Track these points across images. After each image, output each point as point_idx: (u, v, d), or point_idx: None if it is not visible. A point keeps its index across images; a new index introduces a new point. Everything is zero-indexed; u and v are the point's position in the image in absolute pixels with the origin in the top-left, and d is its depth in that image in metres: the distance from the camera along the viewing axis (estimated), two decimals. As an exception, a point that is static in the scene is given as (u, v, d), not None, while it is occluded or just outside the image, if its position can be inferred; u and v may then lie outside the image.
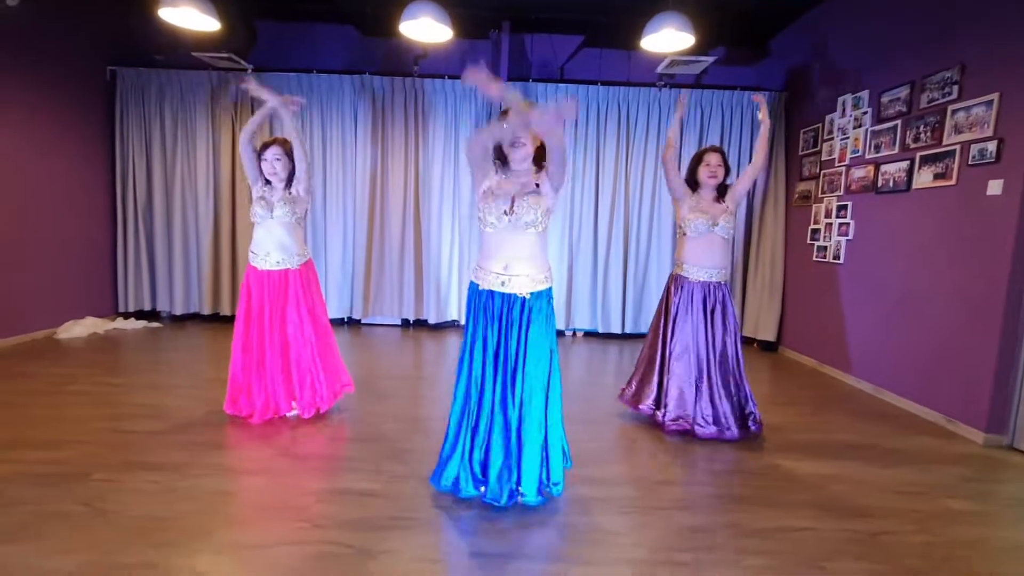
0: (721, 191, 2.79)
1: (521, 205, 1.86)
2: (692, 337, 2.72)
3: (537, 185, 1.92)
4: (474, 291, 1.98)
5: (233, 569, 1.59)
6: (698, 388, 2.71)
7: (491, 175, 1.97)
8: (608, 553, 1.73)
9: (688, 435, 2.72)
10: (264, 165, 2.65)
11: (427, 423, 2.83)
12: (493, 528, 1.85)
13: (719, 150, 2.76)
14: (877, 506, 2.10)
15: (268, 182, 2.72)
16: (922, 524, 1.98)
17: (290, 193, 2.70)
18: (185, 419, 2.74)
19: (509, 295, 1.91)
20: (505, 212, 1.87)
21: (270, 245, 2.69)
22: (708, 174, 2.73)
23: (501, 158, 1.97)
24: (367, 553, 1.68)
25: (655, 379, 2.85)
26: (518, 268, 1.90)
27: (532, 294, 1.91)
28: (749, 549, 1.77)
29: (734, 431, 2.69)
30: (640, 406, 2.88)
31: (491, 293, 1.93)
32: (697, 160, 2.79)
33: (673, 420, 2.73)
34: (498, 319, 1.91)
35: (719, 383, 2.73)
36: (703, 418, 2.69)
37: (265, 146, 2.65)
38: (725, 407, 2.71)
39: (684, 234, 2.79)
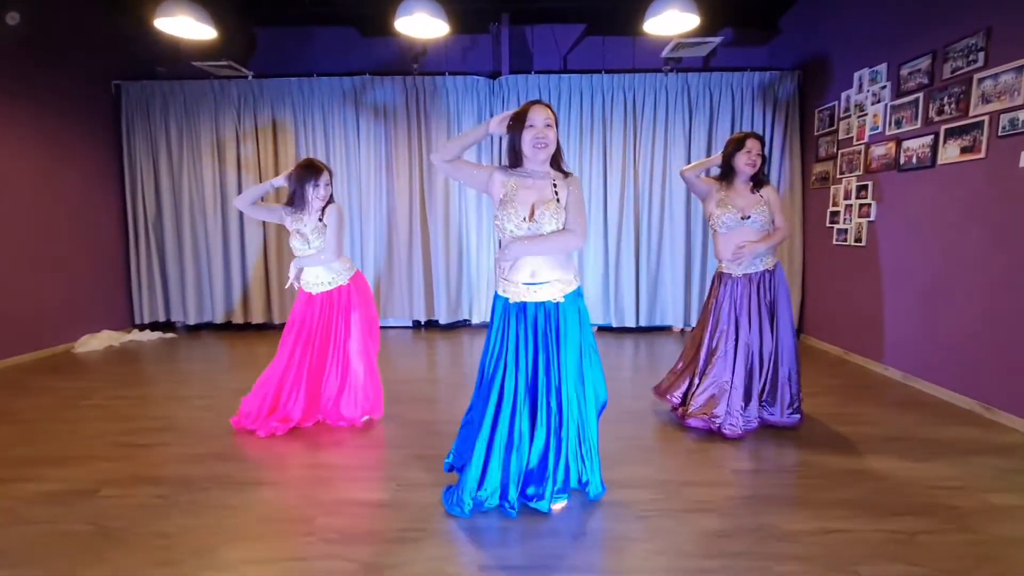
0: (756, 182, 2.62)
1: (543, 214, 1.80)
2: (735, 335, 2.60)
3: (556, 191, 1.84)
4: (503, 304, 1.91)
5: (237, 588, 1.55)
6: (734, 388, 2.58)
7: (497, 178, 1.88)
8: (628, 562, 1.64)
9: (713, 434, 2.61)
10: (318, 191, 2.60)
11: (439, 427, 2.76)
12: (506, 539, 1.77)
13: (759, 137, 2.58)
14: (914, 503, 1.97)
15: (293, 211, 2.66)
16: (962, 522, 1.85)
17: (322, 222, 2.65)
18: (196, 431, 2.71)
19: (543, 303, 1.86)
20: (525, 219, 1.80)
21: (318, 271, 2.70)
22: (747, 162, 2.55)
23: (515, 159, 1.87)
24: (374, 568, 1.61)
25: (688, 375, 2.75)
26: (546, 275, 1.84)
27: (567, 296, 1.87)
28: (779, 554, 1.66)
29: (754, 423, 2.61)
30: (668, 396, 2.81)
31: (523, 305, 1.87)
32: (737, 145, 2.58)
33: (698, 416, 2.62)
34: (533, 329, 1.86)
35: (765, 382, 2.62)
36: (733, 420, 2.56)
37: (319, 171, 2.60)
38: (762, 408, 2.64)
39: (715, 231, 2.66)
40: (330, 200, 2.68)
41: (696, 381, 2.70)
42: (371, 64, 5.09)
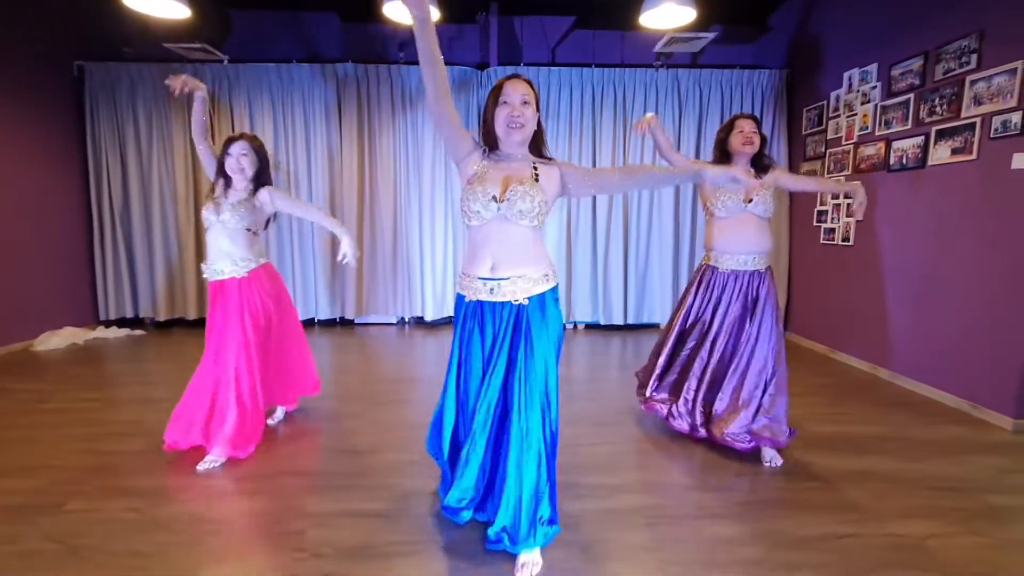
0: (758, 166, 2.41)
1: (515, 191, 1.52)
2: (704, 331, 2.47)
3: (536, 174, 1.59)
4: (459, 303, 1.66)
5: (223, 612, 1.42)
6: (692, 383, 2.45)
7: (475, 155, 1.63)
8: (641, 574, 1.57)
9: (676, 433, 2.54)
10: (228, 161, 2.34)
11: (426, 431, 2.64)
12: (505, 553, 1.68)
13: (753, 117, 2.40)
14: (917, 505, 1.96)
15: (228, 183, 2.39)
16: (969, 524, 1.84)
17: (253, 200, 2.38)
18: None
19: (501, 304, 1.57)
20: (495, 198, 1.53)
21: (215, 253, 2.36)
22: (743, 140, 2.33)
23: (490, 141, 1.63)
24: (372, 586, 1.51)
25: (658, 373, 2.59)
26: (508, 268, 1.55)
27: (531, 299, 1.56)
28: (794, 563, 1.62)
29: (702, 433, 2.42)
30: (647, 401, 2.62)
31: (479, 304, 1.60)
32: (728, 128, 2.40)
33: (655, 403, 2.55)
34: (491, 334, 1.58)
35: (735, 392, 2.36)
36: (680, 412, 2.46)
37: (231, 141, 2.37)
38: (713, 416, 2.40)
39: (712, 215, 2.45)
40: (266, 183, 2.43)
41: (660, 368, 2.58)
42: (352, 51, 4.90)
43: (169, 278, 4.95)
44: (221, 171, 2.41)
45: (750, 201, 2.35)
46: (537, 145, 1.66)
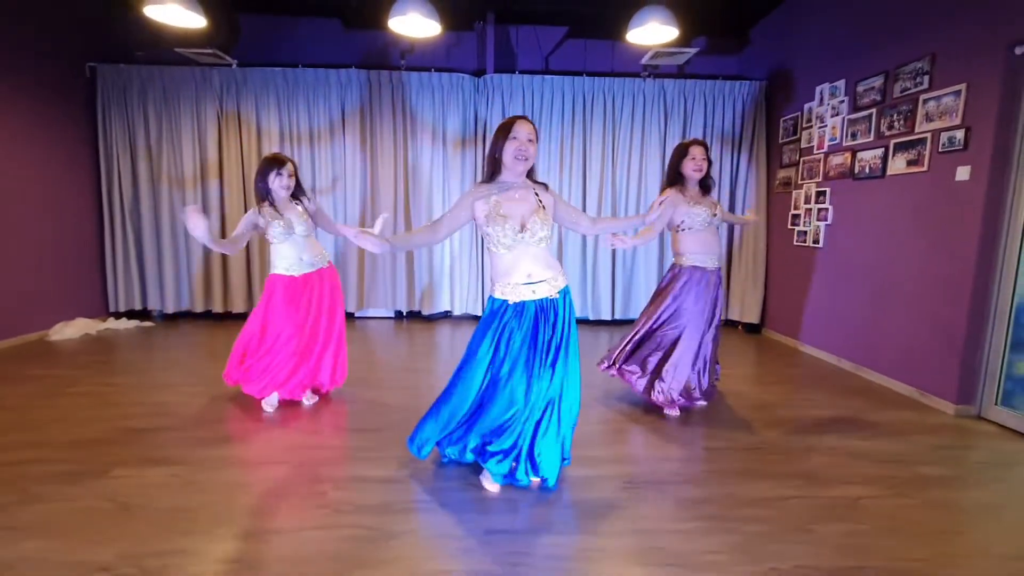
0: (703, 187, 2.87)
1: (534, 222, 1.94)
2: (696, 321, 2.84)
3: (539, 199, 2.01)
4: (502, 306, 2.00)
5: (262, 553, 1.68)
6: (692, 367, 2.87)
7: (478, 205, 1.98)
8: (615, 525, 1.86)
9: (682, 412, 2.90)
10: (279, 180, 2.77)
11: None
12: (505, 507, 1.96)
13: (703, 143, 2.80)
14: (858, 474, 2.27)
15: (272, 205, 2.80)
16: (898, 489, 2.15)
17: (303, 209, 2.86)
18: (193, 416, 2.79)
19: (541, 300, 1.99)
20: (517, 231, 1.93)
21: (302, 253, 2.85)
22: (694, 168, 2.76)
23: (494, 168, 1.99)
24: (389, 533, 1.78)
25: (642, 355, 2.97)
26: (541, 274, 1.98)
27: (560, 292, 2.03)
28: (746, 517, 1.91)
29: (703, 401, 2.97)
30: (625, 376, 2.99)
31: (522, 304, 1.98)
32: (682, 153, 2.79)
33: (626, 372, 2.96)
34: (535, 324, 1.98)
35: (708, 360, 2.92)
36: (691, 391, 2.91)
37: (281, 163, 2.77)
38: (704, 380, 2.92)
39: (684, 230, 2.84)
40: (301, 194, 2.90)
41: (632, 342, 2.99)
42: (355, 56, 5.14)
43: (176, 272, 5.17)
44: (260, 198, 2.82)
45: (715, 215, 2.84)
46: (531, 173, 2.08)
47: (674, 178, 2.84)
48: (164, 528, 1.79)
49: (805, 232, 4.44)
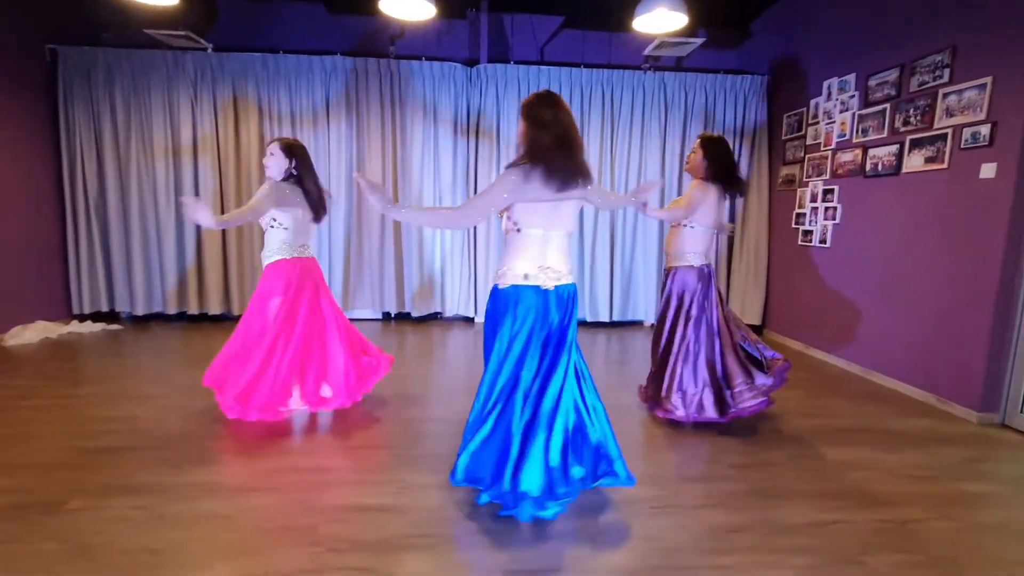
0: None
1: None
2: (711, 321, 2.71)
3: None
4: (536, 292, 1.86)
5: (246, 607, 1.44)
6: (712, 369, 2.69)
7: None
8: (650, 559, 1.66)
9: (698, 426, 2.69)
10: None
11: (433, 425, 2.69)
12: (519, 541, 1.74)
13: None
14: (896, 492, 2.11)
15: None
16: (943, 511, 1.99)
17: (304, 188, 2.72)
18: (165, 433, 2.51)
19: (562, 287, 1.91)
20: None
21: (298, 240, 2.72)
22: None
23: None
24: (392, 578, 1.55)
25: (671, 372, 2.73)
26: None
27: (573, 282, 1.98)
28: (790, 547, 1.73)
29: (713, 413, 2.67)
30: (664, 409, 2.71)
31: (547, 292, 1.88)
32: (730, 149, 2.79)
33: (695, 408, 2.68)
34: (560, 313, 1.90)
35: (725, 357, 2.72)
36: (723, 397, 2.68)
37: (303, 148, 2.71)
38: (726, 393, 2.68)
39: (692, 227, 2.74)
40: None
41: (681, 372, 2.72)
42: (339, 43, 4.85)
43: (147, 270, 4.82)
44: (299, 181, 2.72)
45: None
46: None
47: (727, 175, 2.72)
48: (127, 574, 1.53)
49: (810, 231, 4.31)
